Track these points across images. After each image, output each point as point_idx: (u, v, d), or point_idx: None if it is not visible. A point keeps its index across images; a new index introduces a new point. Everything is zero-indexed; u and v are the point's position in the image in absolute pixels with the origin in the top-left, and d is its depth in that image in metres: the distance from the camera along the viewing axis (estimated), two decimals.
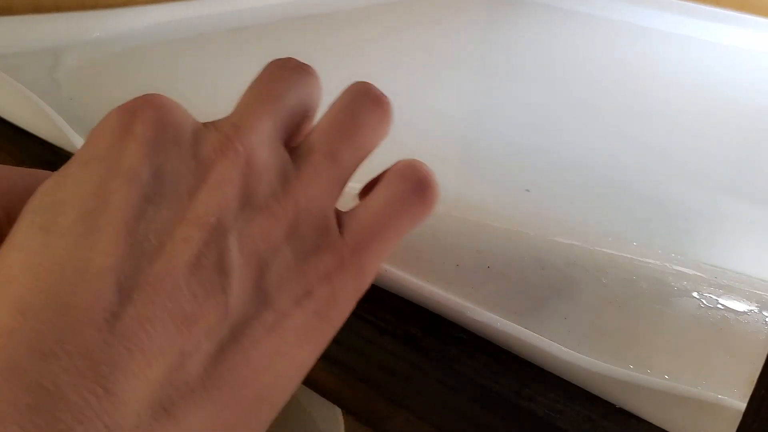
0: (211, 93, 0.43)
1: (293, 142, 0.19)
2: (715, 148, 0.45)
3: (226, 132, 0.17)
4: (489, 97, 0.49)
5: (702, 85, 0.57)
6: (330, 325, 0.18)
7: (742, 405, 0.17)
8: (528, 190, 0.35)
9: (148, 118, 0.17)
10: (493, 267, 0.29)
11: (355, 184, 0.20)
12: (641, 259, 0.30)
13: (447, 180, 0.36)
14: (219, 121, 0.18)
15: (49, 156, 0.35)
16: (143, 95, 0.18)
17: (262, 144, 0.17)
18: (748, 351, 0.25)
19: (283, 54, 0.21)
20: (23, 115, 0.37)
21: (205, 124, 0.18)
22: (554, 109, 0.48)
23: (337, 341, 0.27)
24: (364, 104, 0.20)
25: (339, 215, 0.18)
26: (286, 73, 0.20)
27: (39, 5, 0.50)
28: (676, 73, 0.60)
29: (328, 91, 0.20)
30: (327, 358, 0.27)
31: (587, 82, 0.54)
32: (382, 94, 0.21)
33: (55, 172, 0.17)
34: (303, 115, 0.20)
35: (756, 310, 0.28)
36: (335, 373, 0.27)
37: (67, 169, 0.17)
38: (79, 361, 0.13)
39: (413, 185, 0.19)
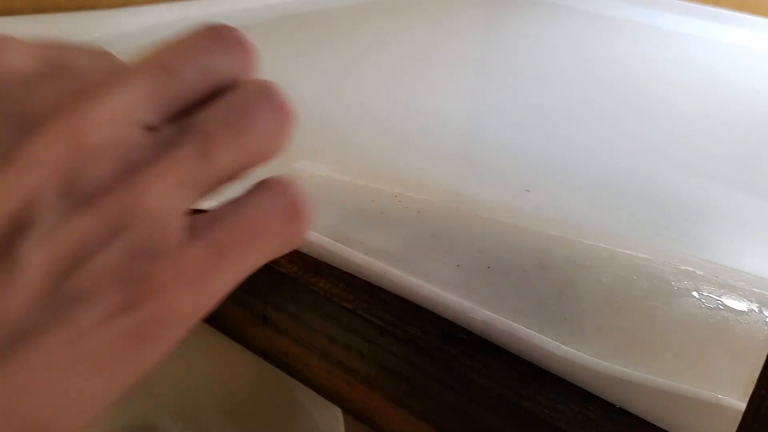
0: None
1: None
2: (715, 147, 0.45)
3: (65, 99, 0.14)
4: (489, 97, 0.49)
5: (702, 84, 0.57)
6: (152, 349, 0.14)
7: (742, 405, 0.17)
8: (528, 191, 0.35)
9: None
10: (493, 267, 0.29)
11: None
12: (642, 258, 0.30)
13: (447, 180, 0.36)
14: (74, 72, 0.15)
15: None
16: None
17: (110, 120, 0.14)
18: (748, 351, 0.25)
19: (285, 53, 0.20)
20: None
21: (51, 74, 0.14)
22: (554, 108, 0.48)
23: (337, 341, 0.27)
24: (263, 106, 0.16)
25: (193, 222, 0.15)
26: (207, 43, 0.17)
27: (40, 6, 0.50)
28: (676, 72, 0.60)
29: (328, 90, 0.20)
30: (327, 358, 0.27)
31: (587, 81, 0.54)
32: (288, 101, 0.17)
33: None
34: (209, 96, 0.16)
35: (756, 310, 0.28)
36: (335, 373, 0.27)
37: None
38: None
39: (286, 207, 0.16)
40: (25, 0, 0.50)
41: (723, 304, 0.28)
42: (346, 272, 0.28)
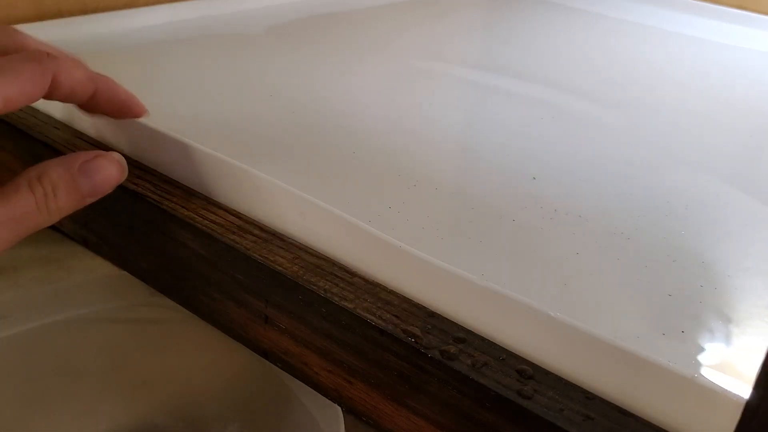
0: (213, 94, 0.43)
1: None
2: (717, 146, 0.44)
3: None
4: (487, 97, 0.49)
5: (703, 83, 0.57)
6: None
7: (742, 402, 0.17)
8: (525, 207, 0.35)
9: None
10: (488, 275, 0.29)
11: None
12: (641, 258, 0.30)
13: (446, 179, 0.36)
14: None
15: (48, 156, 0.35)
16: None
17: None
18: (747, 350, 0.25)
19: (282, 55, 0.20)
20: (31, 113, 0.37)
21: None
22: (553, 108, 0.48)
23: (338, 341, 0.27)
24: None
25: None
26: None
27: (41, 9, 0.51)
28: (678, 70, 0.60)
29: (328, 90, 0.20)
30: (327, 357, 0.27)
31: (587, 81, 0.54)
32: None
33: None
34: None
35: (753, 310, 0.28)
36: (335, 372, 0.28)
37: None
38: None
39: None
40: (27, 7, 0.50)
41: (723, 303, 0.28)
42: (346, 271, 0.28)
